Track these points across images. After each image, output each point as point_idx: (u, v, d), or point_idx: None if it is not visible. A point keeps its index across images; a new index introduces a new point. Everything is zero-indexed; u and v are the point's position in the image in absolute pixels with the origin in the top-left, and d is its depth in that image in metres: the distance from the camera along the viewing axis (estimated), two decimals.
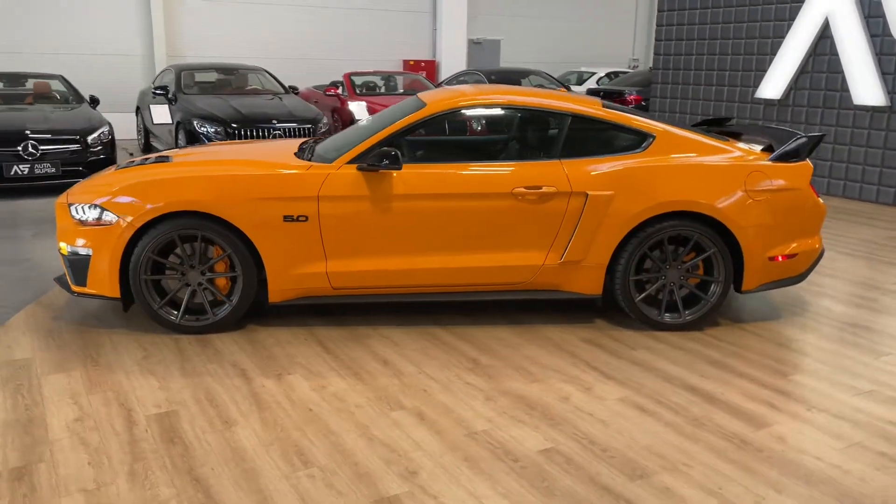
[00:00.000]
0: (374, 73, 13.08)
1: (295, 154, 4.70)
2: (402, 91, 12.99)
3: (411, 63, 17.24)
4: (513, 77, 14.25)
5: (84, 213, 4.33)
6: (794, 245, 4.65)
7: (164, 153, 5.07)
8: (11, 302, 4.93)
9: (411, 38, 17.34)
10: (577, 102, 4.69)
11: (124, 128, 12.90)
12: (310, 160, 4.50)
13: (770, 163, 4.59)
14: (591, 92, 16.00)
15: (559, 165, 4.46)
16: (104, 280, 4.32)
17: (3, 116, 8.88)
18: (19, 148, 8.39)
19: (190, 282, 4.38)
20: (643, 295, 4.56)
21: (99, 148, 8.90)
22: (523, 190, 4.38)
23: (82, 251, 4.33)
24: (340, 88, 12.69)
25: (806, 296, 5.39)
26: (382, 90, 12.98)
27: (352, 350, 4.22)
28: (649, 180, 4.46)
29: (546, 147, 4.68)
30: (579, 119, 4.62)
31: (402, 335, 4.45)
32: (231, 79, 11.70)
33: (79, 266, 4.36)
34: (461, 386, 3.78)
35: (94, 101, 10.34)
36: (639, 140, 4.61)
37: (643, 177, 4.46)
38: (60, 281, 4.63)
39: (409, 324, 4.62)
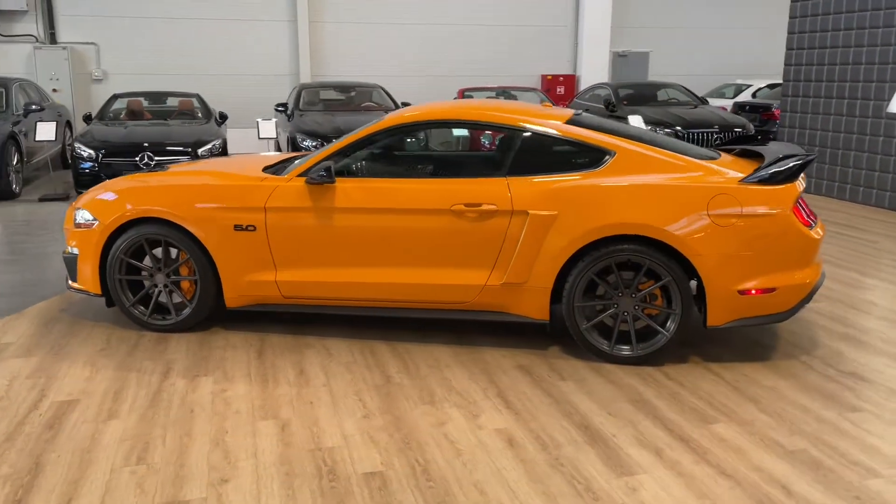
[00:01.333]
0: (490, 89, 13.13)
1: (265, 167, 4.91)
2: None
3: (549, 78, 17.08)
4: (645, 90, 13.70)
5: (78, 216, 4.82)
6: (773, 278, 4.12)
7: (169, 165, 5.50)
8: (41, 292, 5.58)
9: (551, 53, 17.19)
10: (537, 117, 4.49)
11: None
12: (275, 173, 4.68)
13: (741, 185, 4.11)
14: (737, 107, 14.97)
15: (504, 183, 4.30)
16: (88, 278, 4.78)
17: (128, 131, 9.99)
18: (137, 158, 9.41)
19: (157, 283, 4.73)
20: (591, 323, 4.26)
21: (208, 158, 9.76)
22: (462, 207, 4.28)
23: (73, 251, 4.82)
24: None
25: (821, 334, 4.73)
26: None
27: (283, 358, 4.33)
28: (597, 201, 4.17)
29: (495, 163, 4.53)
30: (534, 135, 4.42)
31: (342, 347, 4.50)
32: (347, 96, 12.29)
33: (71, 264, 4.86)
34: (351, 402, 3.76)
35: (222, 118, 11.34)
36: (597, 158, 4.32)
37: (590, 197, 4.18)
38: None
39: (357, 336, 4.66)
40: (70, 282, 4.93)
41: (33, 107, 10.81)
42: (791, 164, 4.14)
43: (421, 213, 4.33)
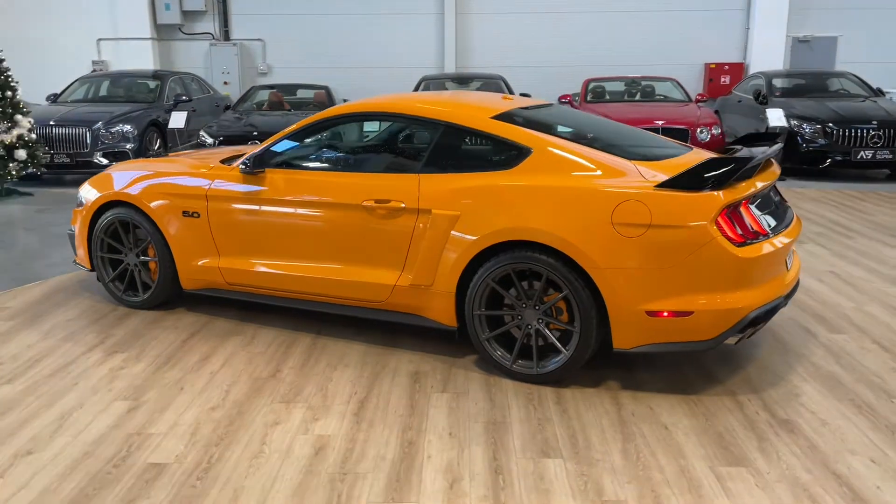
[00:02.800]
0: (619, 79, 12.40)
1: (224, 158, 5.05)
2: (638, 98, 12.10)
3: (712, 66, 15.77)
4: (810, 80, 12.22)
5: (79, 196, 5.31)
6: (688, 300, 3.54)
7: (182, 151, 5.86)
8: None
9: (718, 39, 15.85)
10: (463, 110, 4.21)
11: None
12: (228, 164, 4.83)
13: (655, 191, 3.57)
14: None
15: (415, 179, 4.09)
16: (81, 254, 5.26)
17: (247, 121, 10.73)
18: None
19: (128, 263, 5.08)
20: (492, 334, 3.93)
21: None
22: (372, 203, 4.14)
23: (72, 229, 5.33)
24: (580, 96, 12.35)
25: (800, 370, 3.98)
26: (623, 97, 12.25)
27: (204, 342, 4.47)
28: (497, 202, 3.84)
29: (412, 158, 4.32)
30: (451, 130, 4.16)
31: (269, 337, 4.54)
32: (466, 88, 12.25)
33: (71, 241, 5.37)
34: (217, 392, 3.80)
35: None
36: (513, 156, 3.97)
37: (492, 198, 3.86)
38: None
39: (297, 328, 4.68)
40: (75, 258, 5.45)
41: (183, 98, 11.97)
42: (719, 169, 3.51)
43: (336, 207, 4.25)
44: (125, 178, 4.97)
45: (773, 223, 3.83)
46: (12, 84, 9.47)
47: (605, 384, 3.84)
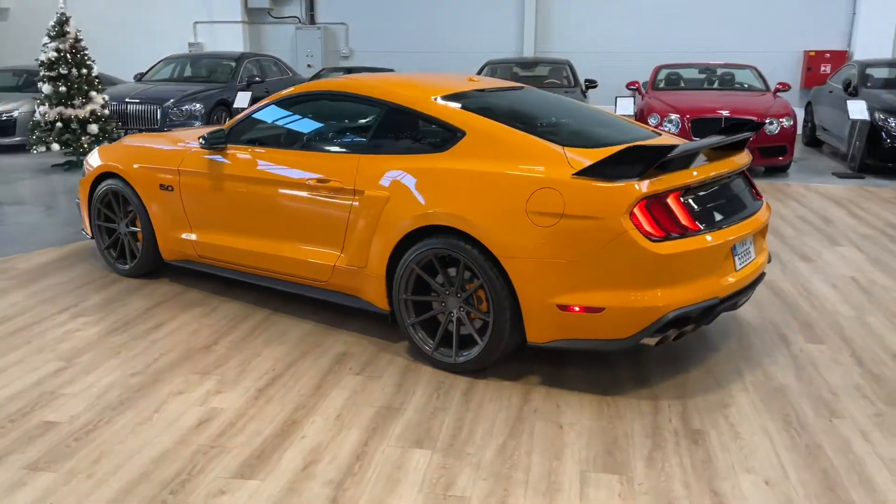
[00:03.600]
0: (692, 66, 11.76)
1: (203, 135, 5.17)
2: (714, 86, 11.43)
3: (812, 54, 14.71)
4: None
5: (84, 168, 5.62)
6: (599, 296, 3.34)
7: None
8: None
9: (819, 25, 14.75)
10: (407, 90, 4.13)
11: None
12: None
13: (572, 179, 3.38)
14: None
15: (356, 160, 4.07)
16: (86, 223, 5.57)
17: None
18: None
19: (120, 232, 5.32)
20: (416, 319, 3.86)
21: None
22: (315, 182, 4.15)
23: (78, 199, 5.64)
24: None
25: (766, 381, 3.68)
26: (698, 85, 11.61)
27: (165, 312, 4.62)
28: (423, 186, 3.76)
29: (357, 139, 4.27)
30: (396, 110, 4.10)
31: (230, 309, 4.65)
32: (529, 73, 12.01)
33: (78, 210, 5.69)
34: (137, 356, 3.93)
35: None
36: (448, 138, 3.87)
37: (419, 181, 3.78)
38: None
39: (254, 301, 4.77)
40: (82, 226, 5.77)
41: (256, 79, 12.39)
42: (637, 157, 3.28)
43: (284, 185, 4.28)
44: (122, 151, 5.20)
45: (718, 217, 3.55)
46: (88, 62, 10.09)
47: (526, 378, 3.69)
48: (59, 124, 9.87)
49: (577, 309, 3.36)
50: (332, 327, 4.36)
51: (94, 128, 10.00)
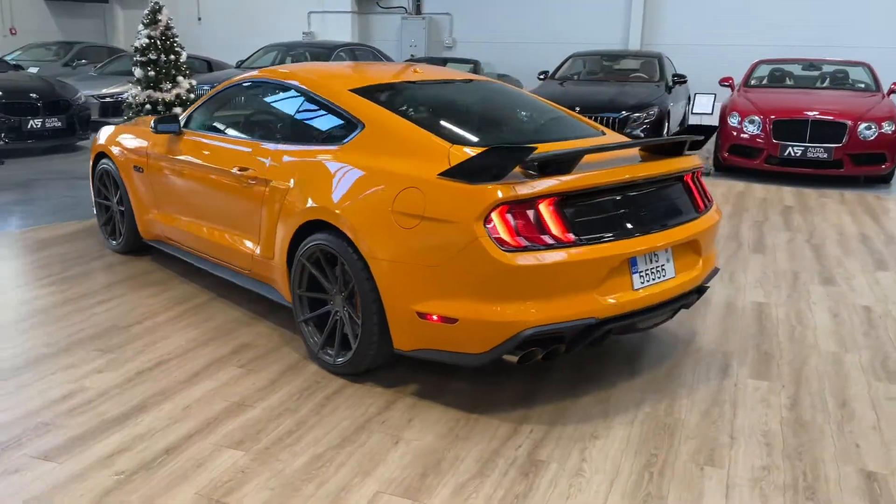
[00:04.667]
0: (796, 61, 10.70)
1: None
2: (816, 85, 10.34)
3: None
4: None
5: None
6: (454, 306, 3.11)
7: None
8: None
9: None
10: (321, 79, 4.03)
11: None
12: None
13: (437, 180, 3.15)
14: None
15: (270, 149, 4.03)
16: (92, 200, 5.90)
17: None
18: None
19: (113, 210, 5.59)
20: (307, 316, 3.77)
21: None
22: (237, 171, 4.15)
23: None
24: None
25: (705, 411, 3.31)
26: (800, 82, 10.57)
27: (121, 287, 4.79)
28: (314, 178, 3.66)
29: (276, 128, 4.22)
30: (311, 99, 4.02)
31: (183, 290, 4.76)
32: (615, 66, 11.45)
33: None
34: (53, 326, 4.09)
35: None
36: (349, 129, 3.74)
37: (312, 173, 3.69)
38: None
39: (208, 285, 4.85)
40: None
41: None
42: (498, 158, 3.00)
43: (217, 172, 4.32)
44: (115, 132, 5.45)
45: (615, 228, 3.19)
46: (176, 49, 10.68)
47: (402, 387, 3.50)
48: (147, 106, 10.53)
49: (434, 318, 3.15)
50: (258, 317, 4.35)
51: (179, 111, 10.58)
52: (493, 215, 2.98)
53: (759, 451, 3.01)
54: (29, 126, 9.67)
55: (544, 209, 3.07)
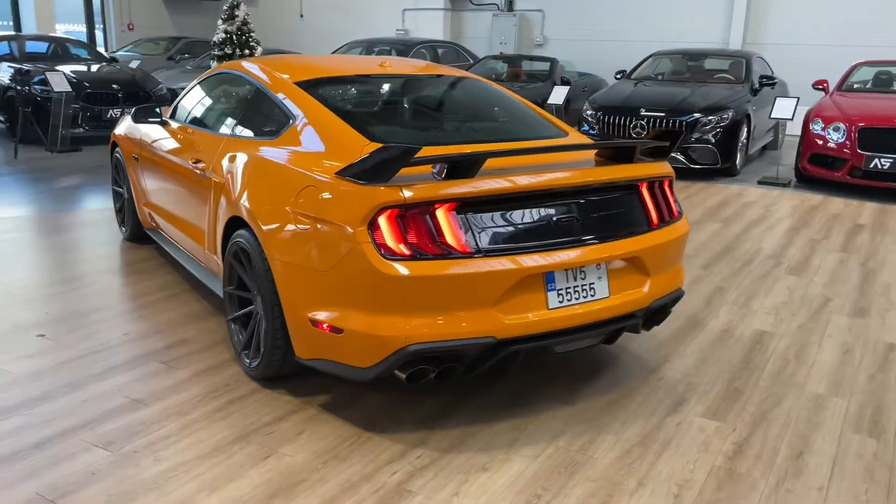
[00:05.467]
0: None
1: None
2: None
3: None
4: None
5: None
6: (341, 315, 2.89)
7: None
8: None
9: None
10: (273, 69, 3.91)
11: None
12: None
13: (334, 178, 2.95)
14: None
15: (220, 142, 3.95)
16: None
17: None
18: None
19: (124, 198, 5.72)
20: (233, 315, 3.65)
21: None
22: (191, 163, 4.11)
23: None
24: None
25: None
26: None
27: (110, 273, 4.87)
28: (244, 173, 3.55)
29: (228, 120, 4.12)
30: (259, 93, 3.91)
31: (165, 279, 4.78)
32: (697, 66, 10.74)
33: None
34: (27, 301, 4.18)
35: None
36: (284, 123, 3.60)
37: (244, 168, 3.57)
38: None
39: (189, 276, 4.86)
40: None
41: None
42: (387, 157, 2.76)
43: (180, 163, 4.29)
44: (124, 123, 5.57)
45: (532, 239, 2.88)
46: (251, 44, 10.95)
47: (318, 397, 3.32)
48: None
49: (325, 327, 2.94)
50: (216, 313, 4.29)
51: None
52: (381, 220, 2.74)
53: (628, 501, 2.62)
54: (108, 115, 10.16)
55: (441, 215, 2.79)
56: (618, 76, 11.00)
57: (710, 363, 3.77)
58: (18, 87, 10.00)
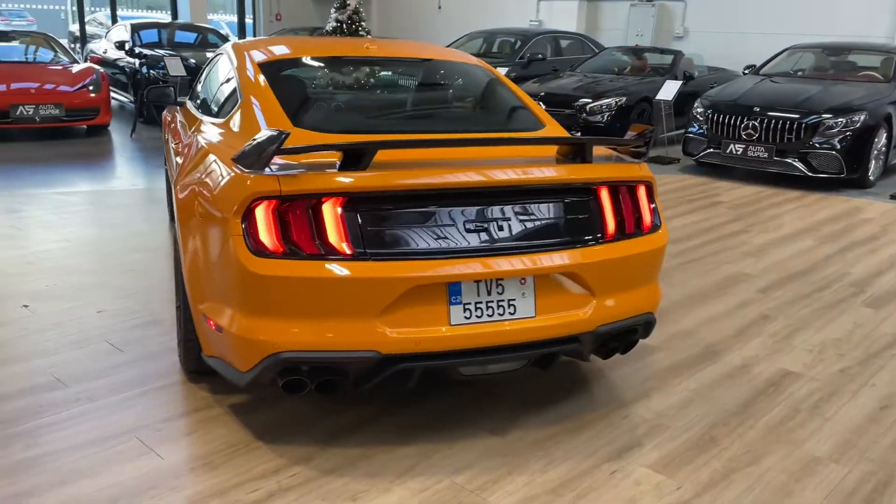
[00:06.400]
0: None
1: None
2: None
3: None
4: None
5: None
6: (220, 311, 2.68)
7: None
8: None
9: None
10: (253, 50, 3.74)
11: None
12: None
13: (231, 163, 2.73)
14: None
15: (196, 122, 3.86)
16: None
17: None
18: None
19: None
20: (178, 303, 3.54)
21: None
22: (173, 145, 4.06)
23: None
24: None
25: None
26: None
27: (129, 252, 4.98)
28: (186, 155, 3.42)
29: (209, 102, 3.99)
30: (234, 73, 3.74)
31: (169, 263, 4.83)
32: (837, 62, 9.53)
33: None
34: (32, 272, 4.33)
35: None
36: (234, 104, 3.43)
37: (186, 150, 3.45)
38: None
39: None
40: None
41: (538, 56, 12.14)
42: (267, 143, 2.50)
43: (171, 146, 4.26)
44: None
45: (433, 242, 2.53)
46: (361, 33, 11.00)
47: (238, 395, 3.13)
48: None
49: (211, 323, 2.74)
50: None
51: None
52: (258, 211, 2.49)
53: None
54: None
55: (328, 211, 2.50)
56: (746, 71, 10.01)
57: (698, 404, 3.20)
58: (144, 71, 10.64)
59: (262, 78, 3.36)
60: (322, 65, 3.67)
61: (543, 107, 9.86)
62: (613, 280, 2.78)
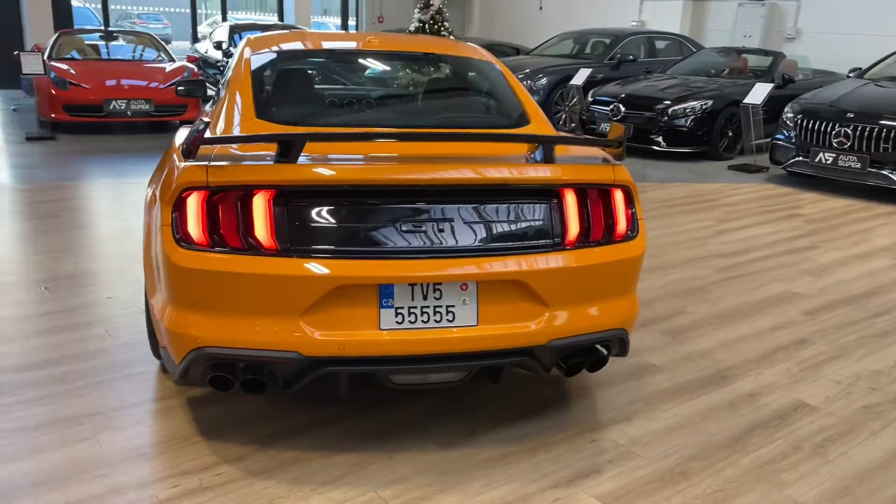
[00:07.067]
0: None
1: None
2: None
3: None
4: None
5: None
6: (159, 303, 2.65)
7: None
8: None
9: None
10: (251, 42, 3.72)
11: None
12: None
13: (179, 151, 2.72)
14: None
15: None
16: None
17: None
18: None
19: None
20: None
21: None
22: None
23: None
24: None
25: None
26: None
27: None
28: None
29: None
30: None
31: None
32: None
33: None
34: (37, 253, 4.51)
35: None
36: (219, 98, 3.43)
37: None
38: None
39: None
40: None
41: (629, 58, 11.72)
42: (193, 131, 2.45)
43: None
44: None
45: (358, 243, 2.41)
46: (443, 32, 10.96)
47: (191, 392, 3.12)
48: None
49: (156, 314, 2.72)
50: None
51: None
52: (189, 201, 2.44)
53: None
54: None
55: (258, 204, 2.42)
56: (850, 74, 9.23)
57: (682, 433, 2.90)
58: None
59: (246, 71, 3.33)
60: (309, 59, 3.60)
61: (623, 110, 9.59)
62: (571, 291, 2.55)
